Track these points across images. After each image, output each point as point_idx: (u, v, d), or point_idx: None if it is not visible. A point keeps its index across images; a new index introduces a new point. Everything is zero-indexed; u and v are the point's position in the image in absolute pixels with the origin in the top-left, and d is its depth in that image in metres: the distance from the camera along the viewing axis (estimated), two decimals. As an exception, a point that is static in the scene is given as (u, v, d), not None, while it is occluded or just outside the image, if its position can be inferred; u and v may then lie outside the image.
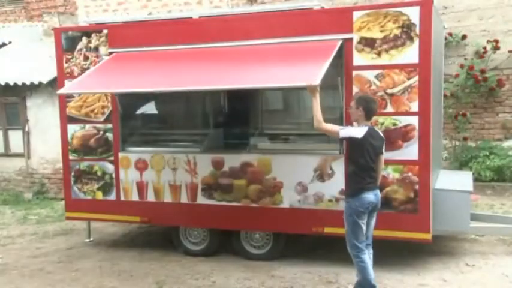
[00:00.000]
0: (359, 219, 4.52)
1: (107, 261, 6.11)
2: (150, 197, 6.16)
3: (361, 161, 4.49)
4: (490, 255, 5.80)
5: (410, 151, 5.16)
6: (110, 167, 6.32)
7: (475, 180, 7.54)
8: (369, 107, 4.57)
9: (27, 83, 9.68)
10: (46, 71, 9.57)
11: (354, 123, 4.70)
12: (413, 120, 5.15)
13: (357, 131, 4.50)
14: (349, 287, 5.06)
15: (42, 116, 9.91)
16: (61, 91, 5.84)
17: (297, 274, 5.44)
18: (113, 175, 6.31)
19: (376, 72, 5.23)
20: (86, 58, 6.31)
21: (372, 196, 4.53)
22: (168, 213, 6.12)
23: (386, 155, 5.20)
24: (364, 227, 4.57)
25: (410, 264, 5.55)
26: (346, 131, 4.52)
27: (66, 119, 6.47)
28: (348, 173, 4.70)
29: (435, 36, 5.40)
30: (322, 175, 5.47)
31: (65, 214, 6.83)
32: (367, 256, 4.63)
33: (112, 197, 6.34)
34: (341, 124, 5.36)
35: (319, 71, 4.61)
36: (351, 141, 4.51)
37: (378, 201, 4.62)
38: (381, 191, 5.21)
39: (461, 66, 8.96)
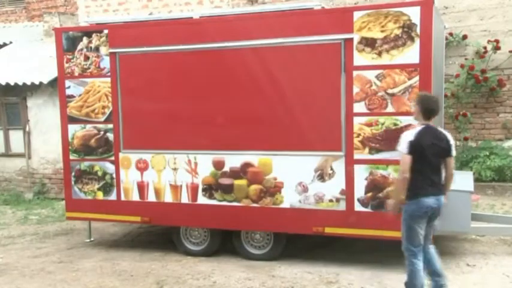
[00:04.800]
0: (415, 224, 4.29)
1: (108, 261, 6.11)
2: (151, 197, 6.17)
3: (416, 163, 4.21)
4: (491, 256, 5.80)
5: (411, 151, 5.15)
6: (110, 167, 6.33)
7: (476, 180, 7.53)
8: (426, 107, 4.33)
9: (28, 83, 9.68)
10: (47, 71, 9.57)
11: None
12: (414, 121, 5.13)
13: (409, 135, 4.29)
14: (350, 287, 5.07)
15: (43, 116, 9.91)
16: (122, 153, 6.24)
17: (297, 274, 5.44)
18: (114, 175, 6.32)
19: (377, 72, 5.24)
20: (87, 58, 6.32)
21: (431, 200, 4.27)
22: (168, 213, 6.13)
23: (386, 155, 5.23)
24: (421, 232, 4.32)
25: (411, 264, 5.54)
26: (401, 144, 4.28)
27: (67, 119, 6.48)
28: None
29: (436, 36, 5.41)
30: (322, 175, 5.47)
31: (65, 214, 6.84)
32: (421, 262, 4.38)
33: (113, 197, 6.35)
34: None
35: None
36: (409, 147, 4.22)
37: (440, 207, 4.34)
38: (381, 191, 5.27)
39: (462, 66, 8.95)
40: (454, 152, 4.40)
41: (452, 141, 4.42)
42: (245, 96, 5.70)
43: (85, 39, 6.31)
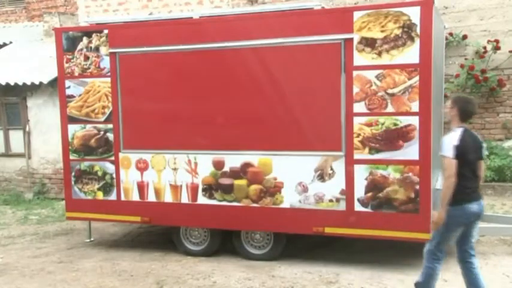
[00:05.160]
0: (454, 231, 4.19)
1: (108, 261, 6.11)
2: (151, 197, 6.17)
3: (460, 167, 4.07)
4: (491, 256, 5.80)
5: (411, 151, 5.16)
6: (110, 167, 6.33)
7: (476, 180, 7.52)
8: (464, 108, 4.23)
9: (28, 83, 9.68)
10: (47, 71, 9.57)
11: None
12: (414, 120, 5.15)
13: (453, 139, 4.13)
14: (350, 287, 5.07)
15: (43, 116, 9.91)
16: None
17: (297, 274, 5.44)
18: (114, 175, 6.32)
19: (377, 72, 5.24)
20: (87, 58, 6.32)
21: (475, 206, 4.16)
22: (168, 213, 6.13)
23: (386, 155, 5.24)
24: (453, 240, 4.25)
25: (411, 264, 5.55)
26: (446, 149, 4.10)
27: (67, 119, 6.48)
28: None
29: (436, 36, 5.41)
30: (322, 175, 5.47)
31: (65, 214, 6.84)
32: (440, 266, 4.31)
33: (113, 197, 6.35)
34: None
35: None
36: (455, 151, 4.07)
37: (481, 212, 4.24)
38: (381, 191, 5.27)
39: (462, 66, 8.95)
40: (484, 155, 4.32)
41: (484, 144, 4.37)
42: (245, 96, 5.70)
43: (85, 39, 6.31)
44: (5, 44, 11.93)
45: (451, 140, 4.14)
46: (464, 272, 4.37)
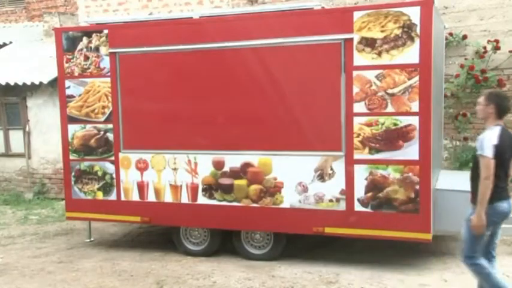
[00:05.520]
0: (487, 230, 4.06)
1: (108, 261, 6.11)
2: (151, 197, 6.17)
3: (496, 167, 3.95)
4: (491, 255, 5.79)
5: (411, 151, 5.16)
6: (110, 167, 6.33)
7: (476, 180, 7.51)
8: (502, 105, 4.07)
9: (28, 83, 9.67)
10: (47, 71, 9.57)
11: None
12: (414, 120, 5.15)
13: (492, 138, 3.97)
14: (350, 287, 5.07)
15: (43, 116, 9.91)
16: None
17: (297, 274, 5.45)
18: (114, 175, 6.32)
19: (377, 72, 5.24)
20: (87, 58, 6.32)
21: (505, 205, 4.07)
22: (168, 213, 6.13)
23: (386, 155, 5.24)
24: (485, 239, 4.12)
25: (411, 264, 5.56)
26: (486, 149, 3.94)
27: (67, 119, 6.48)
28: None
29: (436, 36, 5.41)
30: (322, 175, 5.47)
31: (65, 214, 6.84)
32: (484, 260, 4.14)
33: (113, 197, 6.35)
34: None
35: None
36: (495, 151, 3.93)
37: (510, 211, 4.12)
38: (381, 191, 5.27)
39: (462, 66, 8.94)
40: None
41: None
42: (245, 96, 5.71)
43: (85, 39, 6.31)
44: (5, 44, 11.93)
45: (490, 139, 3.98)
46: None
